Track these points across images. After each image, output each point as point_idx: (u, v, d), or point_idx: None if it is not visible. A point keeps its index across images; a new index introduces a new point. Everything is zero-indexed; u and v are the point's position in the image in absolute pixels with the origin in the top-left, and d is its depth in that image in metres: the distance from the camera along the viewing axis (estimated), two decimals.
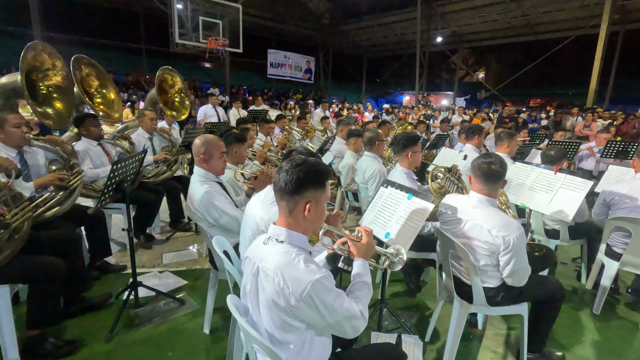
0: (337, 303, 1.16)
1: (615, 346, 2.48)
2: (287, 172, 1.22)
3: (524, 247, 1.89)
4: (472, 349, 2.40)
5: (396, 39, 18.63)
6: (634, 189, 2.67)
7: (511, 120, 10.32)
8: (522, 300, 2.07)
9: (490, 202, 1.97)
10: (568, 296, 3.13)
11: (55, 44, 11.71)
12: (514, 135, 3.86)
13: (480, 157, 1.96)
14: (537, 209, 2.66)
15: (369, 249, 1.48)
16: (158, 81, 4.11)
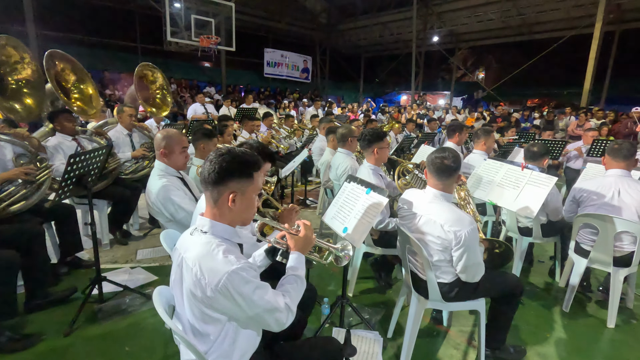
0: (257, 295, 1.15)
1: (579, 343, 2.46)
2: (211, 162, 1.21)
3: (477, 242, 1.87)
4: (435, 346, 2.39)
5: (393, 38, 18.61)
6: (602, 185, 2.65)
7: (504, 120, 10.31)
8: (478, 296, 2.06)
9: (444, 197, 1.96)
10: (539, 294, 3.12)
11: (49, 42, 11.70)
12: (491, 132, 3.85)
13: (434, 152, 1.95)
14: (504, 206, 2.65)
15: (306, 243, 1.47)
16: (137, 77, 4.10)
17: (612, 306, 2.64)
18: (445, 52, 16.94)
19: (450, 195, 1.98)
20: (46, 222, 2.95)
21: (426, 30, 16.19)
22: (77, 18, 13.23)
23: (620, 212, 2.53)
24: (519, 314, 2.76)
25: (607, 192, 2.57)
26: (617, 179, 2.58)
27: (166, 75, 15.64)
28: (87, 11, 13.40)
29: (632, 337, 2.54)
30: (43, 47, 12.26)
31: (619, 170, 2.60)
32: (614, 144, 2.64)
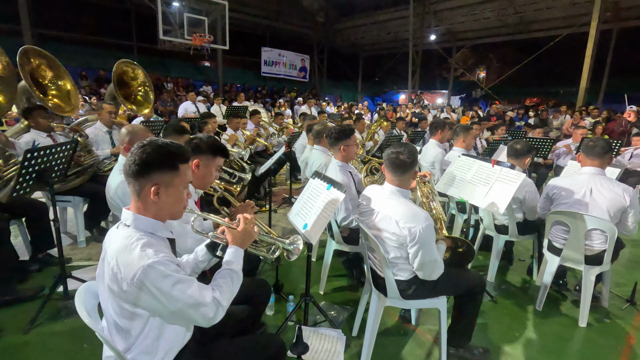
0: (177, 290, 1.12)
1: (548, 343, 2.42)
2: (132, 153, 1.18)
3: (432, 239, 1.84)
4: (400, 344, 2.36)
5: (391, 37, 18.53)
6: (574, 183, 2.61)
7: (499, 118, 10.24)
8: (438, 294, 2.02)
9: (401, 193, 1.92)
10: (514, 292, 3.08)
11: (44, 41, 11.73)
12: (470, 129, 3.81)
13: (391, 147, 1.92)
14: (475, 203, 2.61)
15: (245, 237, 1.44)
16: (116, 75, 4.08)
17: (584, 305, 2.60)
18: (442, 50, 16.86)
19: (408, 192, 1.95)
20: (15, 219, 2.93)
21: (423, 28, 16.10)
22: (72, 17, 13.25)
23: (590, 210, 2.49)
24: (490, 313, 2.74)
25: (579, 190, 2.53)
26: (590, 177, 2.54)
27: (162, 74, 15.64)
28: (83, 10, 13.42)
29: (602, 337, 2.50)
30: (38, 45, 12.38)
31: (593, 168, 2.55)
32: (589, 142, 2.59)
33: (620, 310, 2.83)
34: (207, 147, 1.79)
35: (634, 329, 2.61)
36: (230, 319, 1.63)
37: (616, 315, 2.77)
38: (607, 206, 2.43)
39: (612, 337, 2.49)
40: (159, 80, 14.78)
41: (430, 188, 2.31)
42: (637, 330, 2.59)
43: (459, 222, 3.79)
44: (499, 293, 3.05)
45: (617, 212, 2.43)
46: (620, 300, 2.95)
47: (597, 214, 2.45)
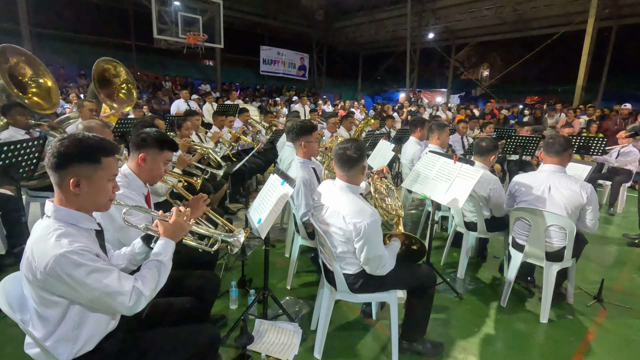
0: (92, 279, 1.15)
1: (505, 337, 2.44)
2: (52, 146, 1.22)
3: (378, 235, 1.85)
4: (357, 338, 2.38)
5: (390, 35, 18.48)
6: (535, 180, 2.61)
7: (493, 117, 10.19)
8: (387, 288, 2.05)
9: (350, 188, 1.94)
10: (482, 289, 3.09)
11: (43, 40, 11.82)
12: (445, 126, 3.81)
13: (339, 143, 1.94)
14: (436, 199, 2.63)
15: (176, 229, 1.47)
16: (96, 73, 4.14)
17: (545, 301, 2.60)
18: (440, 49, 16.80)
19: (357, 187, 1.97)
20: None
21: (421, 27, 16.04)
22: (71, 16, 13.38)
23: (548, 208, 2.49)
24: (454, 309, 2.76)
25: (539, 188, 2.54)
26: (550, 174, 2.54)
27: (161, 72, 15.71)
28: (81, 9, 13.53)
29: (561, 332, 2.51)
30: (37, 45, 12.50)
31: (552, 165, 2.56)
32: (549, 139, 2.59)
33: (585, 307, 2.83)
34: (153, 141, 1.83)
35: (595, 325, 2.61)
36: (172, 310, 1.68)
37: (580, 311, 2.77)
38: (564, 203, 2.43)
39: (571, 333, 2.50)
40: (157, 79, 14.91)
41: (387, 184, 2.33)
42: (599, 326, 2.60)
43: (435, 220, 3.80)
44: (466, 290, 3.06)
45: (575, 210, 2.44)
46: (588, 297, 2.96)
47: (555, 211, 2.45)
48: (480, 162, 3.03)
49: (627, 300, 2.94)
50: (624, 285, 3.23)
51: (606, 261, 3.74)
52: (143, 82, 14.29)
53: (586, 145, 5.39)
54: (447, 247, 3.52)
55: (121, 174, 1.83)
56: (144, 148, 1.83)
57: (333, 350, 2.24)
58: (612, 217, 5.27)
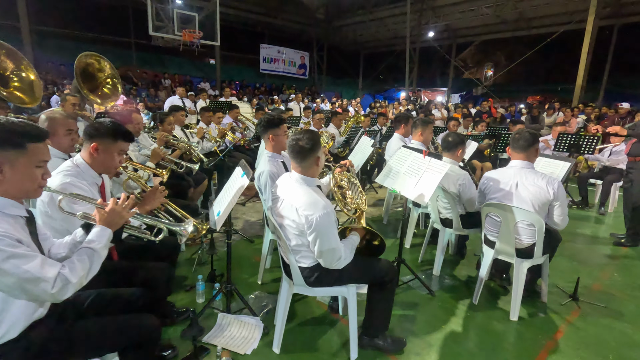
0: (10, 264, 1.14)
1: (472, 335, 2.40)
2: None
3: (331, 228, 1.82)
4: (322, 333, 2.35)
5: (391, 34, 18.41)
6: (503, 176, 2.57)
7: (490, 116, 10.11)
8: (344, 282, 2.02)
9: (305, 180, 1.92)
10: (456, 286, 3.06)
11: (43, 37, 11.89)
12: (429, 123, 3.77)
13: (293, 134, 1.92)
14: (404, 194, 2.59)
15: (113, 217, 1.46)
16: (79, 67, 4.14)
17: (515, 298, 2.56)
18: (441, 48, 16.69)
19: (312, 179, 1.94)
20: None
21: (421, 25, 15.94)
22: (71, 13, 13.47)
23: (516, 204, 2.45)
24: (425, 306, 2.73)
25: (507, 184, 2.49)
26: (517, 170, 2.50)
27: (160, 70, 15.80)
28: (81, 6, 13.62)
29: (530, 331, 2.46)
30: (37, 42, 12.60)
31: (519, 161, 2.51)
32: (515, 134, 2.55)
33: (560, 305, 2.78)
34: (106, 131, 1.82)
35: (567, 323, 2.56)
36: (118, 300, 1.67)
37: (553, 310, 2.73)
38: (531, 199, 2.39)
39: (540, 331, 2.45)
40: (156, 77, 14.99)
41: (349, 177, 2.29)
42: (570, 325, 2.55)
43: (414, 216, 3.77)
44: (441, 287, 3.03)
45: (542, 206, 2.39)
46: (565, 295, 2.91)
47: (522, 208, 2.41)
48: (449, 158, 3.00)
49: (603, 299, 2.89)
50: (604, 284, 3.18)
51: (589, 260, 3.68)
52: (142, 80, 14.37)
53: (577, 143, 5.33)
54: (425, 243, 3.48)
55: (73, 163, 1.82)
56: (96, 138, 1.82)
57: (294, 345, 2.22)
58: (603, 217, 5.19)
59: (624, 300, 2.90)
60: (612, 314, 2.69)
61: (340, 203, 2.10)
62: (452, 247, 3.66)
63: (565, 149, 5.44)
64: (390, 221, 4.58)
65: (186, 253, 3.41)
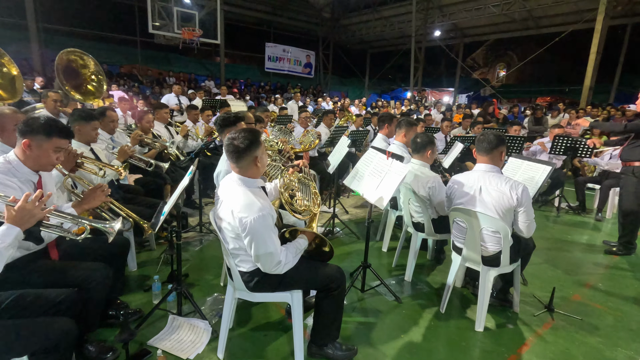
0: None
1: (431, 346, 2.29)
2: None
3: (266, 231, 1.73)
4: (274, 339, 2.28)
5: (397, 33, 18.16)
6: (468, 180, 2.44)
7: (492, 117, 9.85)
8: (286, 288, 1.94)
9: (243, 181, 1.84)
10: (427, 293, 2.94)
11: (50, 35, 12.10)
12: (414, 125, 3.65)
13: (230, 133, 1.84)
14: (366, 196, 2.50)
15: (22, 215, 1.40)
16: (61, 64, 4.15)
17: (481, 308, 2.44)
18: (448, 47, 16.40)
19: (253, 180, 1.86)
20: None
21: (427, 24, 15.69)
22: (77, 11, 13.66)
23: (479, 210, 2.32)
24: (389, 313, 2.64)
25: (471, 188, 2.37)
26: (481, 174, 2.36)
27: (165, 68, 15.91)
28: (88, 4, 13.81)
29: (494, 342, 2.34)
30: (44, 40, 12.82)
31: (483, 165, 2.38)
32: (480, 136, 2.41)
33: (532, 316, 2.65)
34: (39, 127, 1.77)
35: (536, 336, 2.43)
36: (40, 302, 1.62)
37: (525, 321, 2.59)
38: (494, 205, 2.26)
39: (504, 343, 2.33)
40: (160, 75, 15.10)
41: (302, 178, 2.21)
42: (539, 337, 2.42)
43: (392, 219, 3.66)
44: (410, 293, 2.92)
45: (506, 212, 2.26)
46: (540, 305, 2.77)
47: (486, 214, 2.28)
48: (418, 160, 2.89)
49: (581, 311, 2.74)
50: (585, 294, 3.02)
51: (575, 268, 3.51)
52: (146, 78, 14.50)
53: (573, 146, 5.13)
54: (399, 248, 3.38)
55: (5, 160, 1.78)
56: (28, 134, 1.77)
57: (241, 350, 2.16)
58: (600, 223, 4.98)
59: (603, 313, 2.75)
60: (587, 327, 2.54)
61: (286, 205, 2.01)
62: (430, 252, 3.55)
63: (561, 152, 5.24)
64: (374, 224, 4.47)
65: (156, 252, 3.38)
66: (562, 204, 5.45)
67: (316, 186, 2.26)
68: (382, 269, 3.33)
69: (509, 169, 3.44)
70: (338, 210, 4.96)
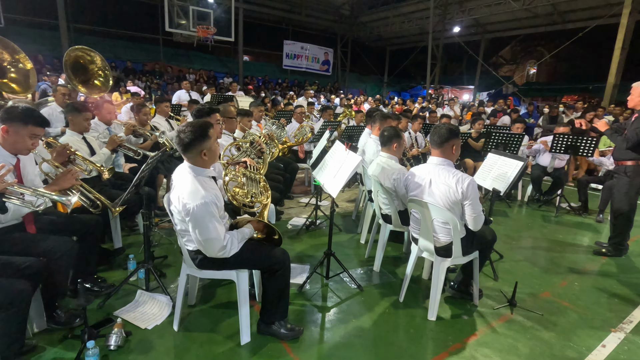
0: None
1: (379, 331, 2.36)
2: None
3: (207, 218, 1.86)
4: (230, 317, 2.41)
5: (417, 29, 17.92)
6: (421, 172, 2.46)
7: (505, 114, 9.60)
8: (231, 267, 2.08)
9: (193, 170, 1.97)
10: (393, 283, 3.00)
11: (80, 34, 12.80)
12: (387, 118, 3.71)
13: (179, 126, 1.99)
14: (325, 187, 2.60)
15: None
16: (69, 61, 4.47)
17: (434, 298, 2.49)
18: (467, 44, 16.01)
19: (202, 170, 1.98)
20: None
21: (445, 20, 15.39)
22: (105, 11, 14.40)
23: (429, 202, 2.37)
24: (346, 300, 2.72)
25: (423, 180, 2.40)
26: (432, 167, 2.39)
27: (185, 65, 16.46)
28: (114, 5, 14.52)
29: (442, 332, 2.38)
30: (74, 39, 13.61)
31: (435, 158, 2.40)
32: (433, 128, 2.43)
33: (492, 309, 2.66)
34: (17, 115, 1.99)
35: (488, 328, 2.45)
36: (8, 267, 1.84)
37: (482, 313, 2.62)
38: (441, 198, 2.30)
39: (453, 333, 2.37)
40: (180, 72, 15.66)
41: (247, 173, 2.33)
42: (491, 329, 2.44)
43: (370, 212, 3.73)
44: (375, 283, 2.99)
45: (453, 205, 2.29)
46: (504, 300, 2.77)
47: (434, 208, 2.33)
48: (385, 152, 2.95)
49: (545, 307, 2.73)
50: (556, 292, 2.98)
51: (555, 267, 3.45)
52: (167, 74, 15.09)
53: (574, 145, 4.98)
54: (371, 240, 3.45)
55: None
56: (7, 121, 2.00)
57: (196, 325, 2.32)
58: (599, 225, 4.82)
59: (568, 311, 2.71)
60: (545, 323, 2.53)
61: (230, 199, 2.16)
62: (405, 245, 3.59)
63: (562, 151, 5.10)
64: (360, 217, 4.54)
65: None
66: (562, 204, 5.31)
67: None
68: (354, 259, 3.42)
69: (487, 164, 3.44)
70: (328, 202, 5.08)
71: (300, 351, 2.13)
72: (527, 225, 4.68)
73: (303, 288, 2.80)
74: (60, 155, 2.37)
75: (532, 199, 5.72)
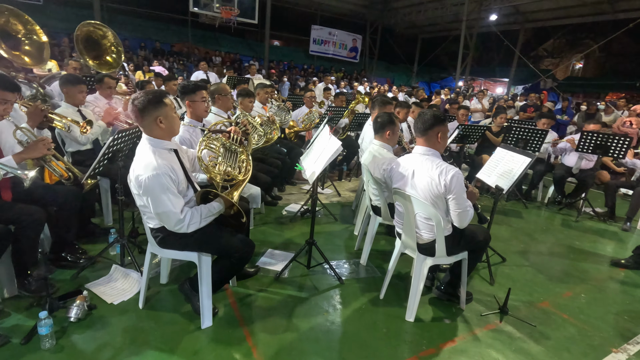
0: None
1: (350, 328, 2.23)
2: None
3: (160, 190, 1.79)
4: None
5: (451, 17, 17.01)
6: (405, 162, 2.25)
7: (536, 110, 8.99)
8: (191, 249, 2.01)
9: (150, 141, 1.88)
10: (378, 279, 2.83)
11: (112, 13, 13.13)
12: (387, 104, 3.49)
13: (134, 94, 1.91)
14: (305, 171, 2.46)
15: None
16: (81, 36, 4.52)
17: (413, 298, 2.32)
18: (502, 33, 15.06)
19: (159, 141, 1.89)
20: None
21: (482, 8, 14.49)
22: None
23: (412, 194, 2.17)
24: (326, 293, 2.59)
25: (406, 170, 2.20)
26: (417, 157, 2.18)
27: (213, 48, 16.63)
28: None
29: (417, 335, 2.22)
30: (107, 19, 13.98)
31: (420, 147, 2.17)
32: (418, 115, 2.20)
33: (479, 315, 2.46)
34: None
35: (470, 334, 2.26)
36: None
37: (467, 318, 2.42)
38: (423, 191, 2.09)
39: (429, 337, 2.19)
40: (207, 54, 15.77)
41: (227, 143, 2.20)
42: (473, 337, 2.24)
43: (367, 203, 3.55)
44: (359, 276, 2.85)
45: (435, 199, 2.08)
46: (496, 307, 2.55)
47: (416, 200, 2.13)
48: (378, 140, 2.75)
49: (541, 319, 2.49)
50: (557, 303, 2.72)
51: (564, 276, 3.16)
52: (194, 56, 15.26)
53: (604, 144, 4.53)
54: (360, 232, 3.29)
55: None
56: None
57: (162, 304, 2.28)
58: (625, 234, 4.39)
59: (566, 324, 2.46)
60: (536, 335, 2.31)
61: (203, 169, 2.06)
62: None
63: (590, 150, 4.66)
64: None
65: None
66: (586, 208, 4.89)
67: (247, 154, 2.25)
68: (343, 250, 3.28)
69: (493, 159, 3.17)
70: (331, 191, 4.94)
71: (260, 340, 2.04)
72: (542, 229, 4.33)
73: (281, 275, 2.70)
74: (35, 116, 2.37)
75: (553, 200, 5.31)
